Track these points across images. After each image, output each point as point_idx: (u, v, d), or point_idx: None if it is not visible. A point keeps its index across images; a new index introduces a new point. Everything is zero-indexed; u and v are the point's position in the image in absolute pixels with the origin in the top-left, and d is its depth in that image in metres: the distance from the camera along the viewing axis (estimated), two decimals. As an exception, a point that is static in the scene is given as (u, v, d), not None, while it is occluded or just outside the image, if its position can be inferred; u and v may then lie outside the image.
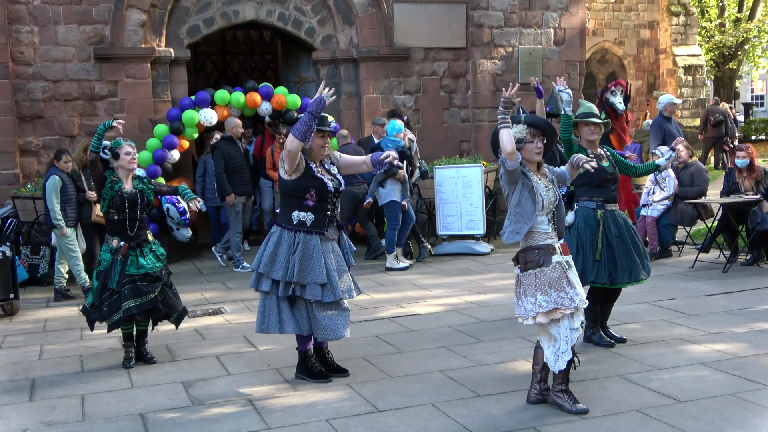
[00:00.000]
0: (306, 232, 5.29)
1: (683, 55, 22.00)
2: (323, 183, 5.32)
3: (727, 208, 9.27)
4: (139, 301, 5.91)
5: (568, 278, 4.65)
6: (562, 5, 12.74)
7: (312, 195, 5.28)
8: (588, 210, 5.92)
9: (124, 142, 6.09)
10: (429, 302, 7.98)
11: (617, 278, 5.89)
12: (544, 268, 4.65)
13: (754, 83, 42.93)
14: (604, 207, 5.92)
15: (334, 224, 5.46)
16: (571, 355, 4.66)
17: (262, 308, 5.42)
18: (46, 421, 4.93)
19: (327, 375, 5.51)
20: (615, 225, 5.94)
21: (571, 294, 4.61)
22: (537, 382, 4.86)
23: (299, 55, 12.83)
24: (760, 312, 6.99)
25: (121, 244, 5.96)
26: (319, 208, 5.32)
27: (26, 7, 10.75)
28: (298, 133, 5.13)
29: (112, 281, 5.93)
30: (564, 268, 4.66)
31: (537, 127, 4.76)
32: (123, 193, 5.98)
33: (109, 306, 5.92)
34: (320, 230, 5.31)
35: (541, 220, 4.70)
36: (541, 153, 4.77)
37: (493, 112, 12.08)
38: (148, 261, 6.00)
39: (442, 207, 11.02)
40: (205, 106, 10.85)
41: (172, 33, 11.49)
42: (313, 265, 5.24)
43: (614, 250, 5.86)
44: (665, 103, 11.12)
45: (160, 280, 6.05)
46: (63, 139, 10.87)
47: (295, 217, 5.31)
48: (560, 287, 4.61)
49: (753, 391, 4.97)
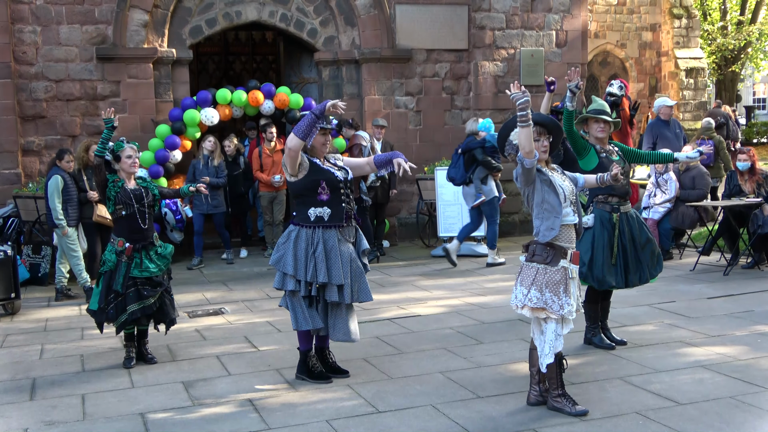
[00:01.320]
0: (325, 227, 5.27)
1: (685, 58, 21.99)
2: (332, 174, 5.31)
3: (728, 211, 9.27)
4: (143, 304, 5.93)
5: (567, 286, 4.65)
6: (564, 7, 12.74)
7: (324, 188, 5.26)
8: (604, 213, 5.92)
9: (126, 144, 6.08)
10: (430, 303, 7.99)
11: (630, 281, 5.94)
12: (549, 267, 4.66)
13: (756, 86, 42.90)
14: (619, 210, 5.93)
15: (352, 222, 5.41)
16: (552, 359, 4.69)
17: (291, 307, 5.38)
18: (46, 421, 4.94)
19: (327, 376, 5.51)
20: (629, 228, 5.95)
21: (563, 301, 4.61)
22: (536, 383, 4.86)
23: (301, 56, 12.84)
24: (760, 315, 6.99)
25: (126, 246, 5.97)
26: (334, 201, 5.29)
27: (29, 7, 10.76)
28: (299, 131, 5.13)
29: (117, 283, 5.93)
30: (567, 275, 4.67)
31: (543, 125, 4.79)
32: (127, 188, 5.99)
33: (115, 308, 5.93)
34: (339, 223, 5.29)
35: (567, 211, 4.71)
36: (547, 151, 4.80)
37: (495, 114, 12.09)
38: (154, 265, 5.99)
39: (443, 208, 11.03)
40: (206, 105, 10.86)
41: (174, 33, 11.49)
42: (331, 266, 5.22)
43: (627, 254, 5.88)
44: (658, 106, 11.19)
45: (161, 286, 6.05)
46: (65, 139, 10.88)
47: (312, 214, 5.28)
48: (556, 291, 4.63)
49: (753, 394, 4.97)
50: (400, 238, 12.18)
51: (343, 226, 5.33)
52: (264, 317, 7.52)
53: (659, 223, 10.00)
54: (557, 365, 4.73)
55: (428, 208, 11.82)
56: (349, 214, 5.38)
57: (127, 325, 5.98)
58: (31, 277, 9.64)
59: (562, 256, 4.67)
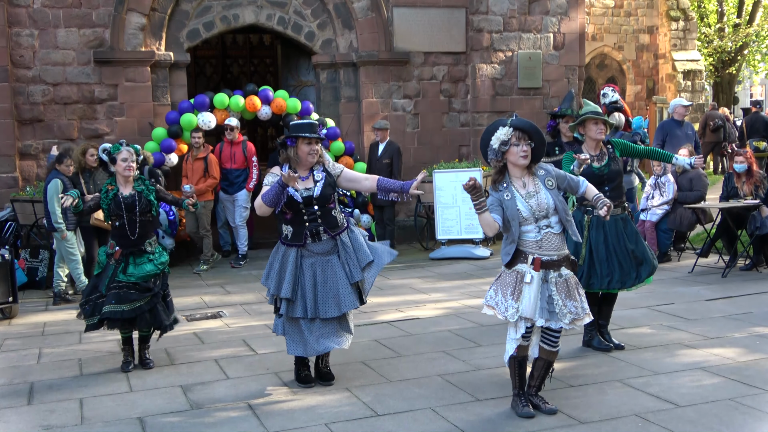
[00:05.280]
0: (287, 245, 5.36)
1: (682, 60, 22.02)
2: (291, 196, 5.26)
3: (726, 213, 9.28)
4: (121, 308, 5.85)
5: (515, 289, 4.61)
6: (561, 10, 12.76)
7: (286, 211, 5.32)
8: (578, 214, 5.91)
9: (124, 147, 6.06)
10: (428, 306, 7.98)
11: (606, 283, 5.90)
12: (505, 270, 4.70)
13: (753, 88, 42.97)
14: (592, 212, 5.89)
15: (324, 236, 5.34)
16: (506, 359, 4.78)
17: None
18: (44, 425, 4.92)
19: (309, 381, 5.52)
20: (603, 230, 5.93)
21: (508, 304, 4.60)
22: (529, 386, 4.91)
23: (299, 59, 12.85)
24: (759, 316, 7.00)
25: (116, 249, 5.96)
26: (295, 221, 5.32)
27: (26, 11, 10.76)
28: (267, 199, 5.17)
29: (102, 284, 5.95)
30: (519, 279, 4.62)
31: (523, 130, 4.68)
32: (119, 198, 5.96)
33: (92, 307, 5.95)
34: (297, 243, 5.31)
35: (527, 228, 4.66)
36: (527, 157, 4.68)
37: (493, 117, 12.08)
38: (139, 270, 5.95)
39: (441, 211, 11.03)
40: (203, 109, 10.85)
41: (171, 37, 11.50)
42: (283, 278, 5.29)
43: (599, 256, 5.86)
44: (674, 106, 11.16)
45: (150, 291, 6.01)
46: (62, 143, 10.84)
47: (282, 230, 5.43)
48: (504, 293, 4.64)
49: (752, 396, 4.97)
50: (398, 241, 12.15)
51: (303, 246, 5.32)
52: (262, 320, 7.50)
53: (657, 225, 9.99)
54: (516, 366, 4.77)
55: (426, 210, 11.82)
56: (315, 232, 5.31)
57: (98, 326, 5.98)
58: (29, 281, 9.62)
59: (521, 260, 4.65)
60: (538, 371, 4.85)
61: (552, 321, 4.62)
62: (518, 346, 4.69)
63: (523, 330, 4.65)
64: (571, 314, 4.64)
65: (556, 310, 4.60)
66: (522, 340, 4.68)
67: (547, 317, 4.60)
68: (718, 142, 18.46)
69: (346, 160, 11.45)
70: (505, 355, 4.80)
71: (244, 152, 10.77)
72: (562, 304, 4.62)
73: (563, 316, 4.61)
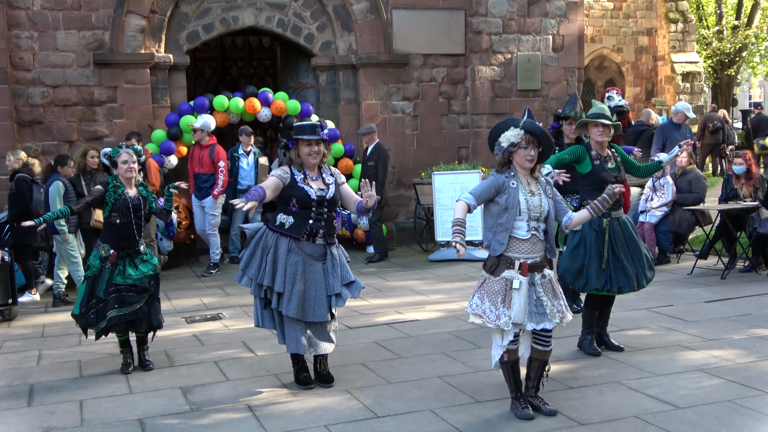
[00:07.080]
0: (282, 234, 5.34)
1: (681, 62, 22.03)
2: (304, 192, 5.32)
3: (725, 215, 9.29)
4: (123, 311, 5.90)
5: (506, 296, 4.63)
6: (560, 12, 12.77)
7: (294, 204, 5.33)
8: (594, 218, 5.91)
9: (123, 149, 6.08)
10: (427, 308, 7.99)
11: (624, 286, 5.89)
12: (492, 277, 4.70)
13: (752, 90, 43.01)
14: (609, 215, 5.92)
15: (320, 240, 5.38)
16: (493, 365, 4.79)
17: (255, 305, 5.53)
18: (44, 427, 4.93)
19: (309, 383, 5.52)
20: (622, 232, 5.94)
21: (500, 311, 4.61)
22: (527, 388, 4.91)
23: (298, 61, 12.86)
24: (758, 318, 7.01)
25: (111, 252, 5.96)
26: (301, 215, 5.34)
27: (26, 13, 10.76)
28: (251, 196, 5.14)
29: (99, 289, 5.93)
30: (508, 286, 4.64)
31: (533, 134, 4.71)
32: (126, 197, 5.99)
33: (96, 314, 5.94)
34: (296, 235, 5.32)
35: (519, 225, 4.68)
36: (533, 161, 4.72)
37: (492, 119, 12.10)
38: (137, 272, 5.97)
39: (440, 213, 11.03)
40: (203, 111, 10.85)
41: (171, 39, 11.50)
42: (276, 270, 5.27)
43: (621, 259, 5.86)
44: (677, 110, 11.16)
45: (147, 291, 6.03)
46: (62, 145, 10.86)
47: (279, 219, 5.40)
48: (494, 301, 4.64)
49: (751, 398, 4.97)
50: (397, 243, 12.17)
51: (299, 239, 5.32)
52: (262, 322, 7.50)
53: (656, 227, 10.00)
54: (509, 370, 4.78)
55: (426, 212, 11.83)
56: (314, 232, 5.35)
57: (107, 332, 5.98)
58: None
59: (507, 266, 4.66)
60: (534, 372, 4.87)
61: (544, 322, 4.66)
62: (507, 350, 4.71)
63: (512, 337, 4.67)
64: (560, 313, 4.73)
65: (546, 311, 4.67)
66: (510, 344, 4.70)
67: (538, 320, 4.65)
68: (717, 143, 18.49)
69: (346, 162, 11.46)
70: (492, 361, 4.81)
71: (211, 157, 10.42)
72: (551, 304, 4.70)
73: (553, 315, 4.69)
